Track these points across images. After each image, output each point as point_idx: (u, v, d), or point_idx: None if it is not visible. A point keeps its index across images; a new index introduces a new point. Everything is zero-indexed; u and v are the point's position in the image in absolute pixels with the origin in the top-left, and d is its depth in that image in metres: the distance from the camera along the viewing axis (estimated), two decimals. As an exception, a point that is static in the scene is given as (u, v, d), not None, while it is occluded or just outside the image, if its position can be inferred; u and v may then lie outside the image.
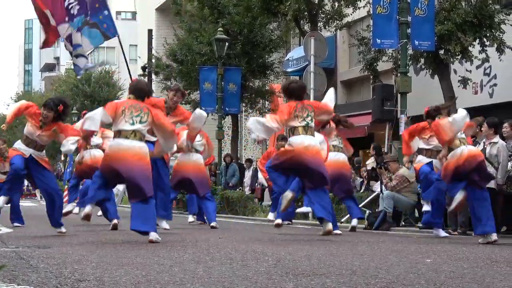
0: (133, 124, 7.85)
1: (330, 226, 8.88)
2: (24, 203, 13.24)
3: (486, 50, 15.38)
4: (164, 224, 10.33)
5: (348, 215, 12.44)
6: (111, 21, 12.97)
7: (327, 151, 9.86)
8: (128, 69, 13.75)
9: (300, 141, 8.86)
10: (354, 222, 11.39)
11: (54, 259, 5.70)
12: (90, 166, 11.63)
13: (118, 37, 13.14)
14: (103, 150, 10.54)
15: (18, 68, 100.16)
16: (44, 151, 9.49)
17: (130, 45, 51.55)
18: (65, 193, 17.15)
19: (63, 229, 9.43)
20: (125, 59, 14.18)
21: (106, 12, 12.88)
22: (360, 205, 13.85)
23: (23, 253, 6.20)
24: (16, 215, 12.32)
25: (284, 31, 23.65)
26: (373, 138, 22.41)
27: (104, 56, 59.53)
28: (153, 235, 7.67)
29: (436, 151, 10.07)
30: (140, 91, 8.20)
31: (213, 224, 11.83)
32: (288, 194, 9.01)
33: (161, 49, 27.49)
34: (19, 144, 9.40)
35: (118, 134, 7.89)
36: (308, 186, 9.06)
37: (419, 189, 12.89)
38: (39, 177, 9.36)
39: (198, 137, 11.50)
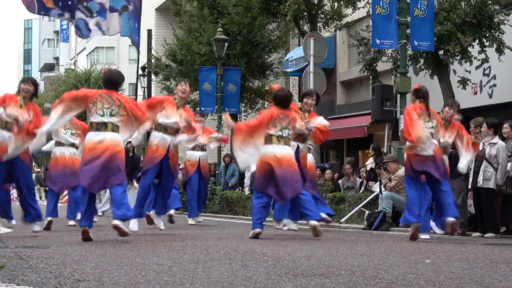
0: (103, 115, 8.07)
1: (313, 223, 8.85)
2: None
3: (486, 51, 15.38)
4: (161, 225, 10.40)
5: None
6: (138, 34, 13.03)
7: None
8: (138, 73, 14.01)
9: (271, 152, 8.94)
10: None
11: (54, 259, 5.69)
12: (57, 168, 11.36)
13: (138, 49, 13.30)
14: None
15: (17, 68, 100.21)
16: None
17: (129, 45, 51.53)
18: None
19: (36, 228, 9.52)
20: (138, 64, 14.27)
21: (136, 25, 12.95)
22: (359, 206, 13.88)
23: (22, 253, 6.20)
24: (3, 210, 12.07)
25: (283, 32, 23.66)
26: (372, 138, 22.42)
27: (103, 55, 59.53)
28: (115, 221, 7.86)
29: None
30: (110, 82, 8.34)
31: (171, 212, 11.94)
32: (256, 230, 8.99)
33: (160, 49, 27.49)
34: None
35: (91, 126, 8.15)
36: (285, 196, 9.03)
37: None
38: (16, 169, 9.27)
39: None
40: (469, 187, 11.16)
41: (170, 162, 9.80)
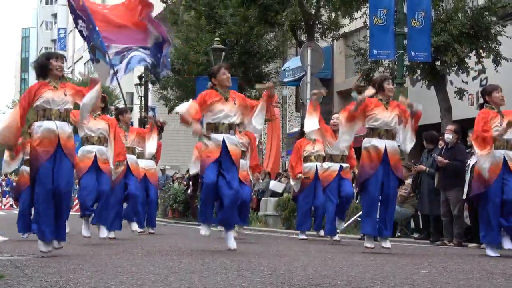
0: None
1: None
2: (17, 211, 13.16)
3: (483, 62, 15.42)
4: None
5: None
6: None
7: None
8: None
9: None
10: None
11: (49, 268, 5.68)
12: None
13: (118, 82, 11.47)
14: None
15: (15, 76, 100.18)
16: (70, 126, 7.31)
17: (127, 54, 51.57)
18: None
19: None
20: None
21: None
22: (355, 216, 13.85)
23: (18, 262, 6.19)
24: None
25: (280, 41, 23.67)
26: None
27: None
28: None
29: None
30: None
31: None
32: None
33: (157, 58, 27.50)
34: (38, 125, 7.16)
35: None
36: None
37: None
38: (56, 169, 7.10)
39: None
40: (464, 197, 11.15)
41: None
